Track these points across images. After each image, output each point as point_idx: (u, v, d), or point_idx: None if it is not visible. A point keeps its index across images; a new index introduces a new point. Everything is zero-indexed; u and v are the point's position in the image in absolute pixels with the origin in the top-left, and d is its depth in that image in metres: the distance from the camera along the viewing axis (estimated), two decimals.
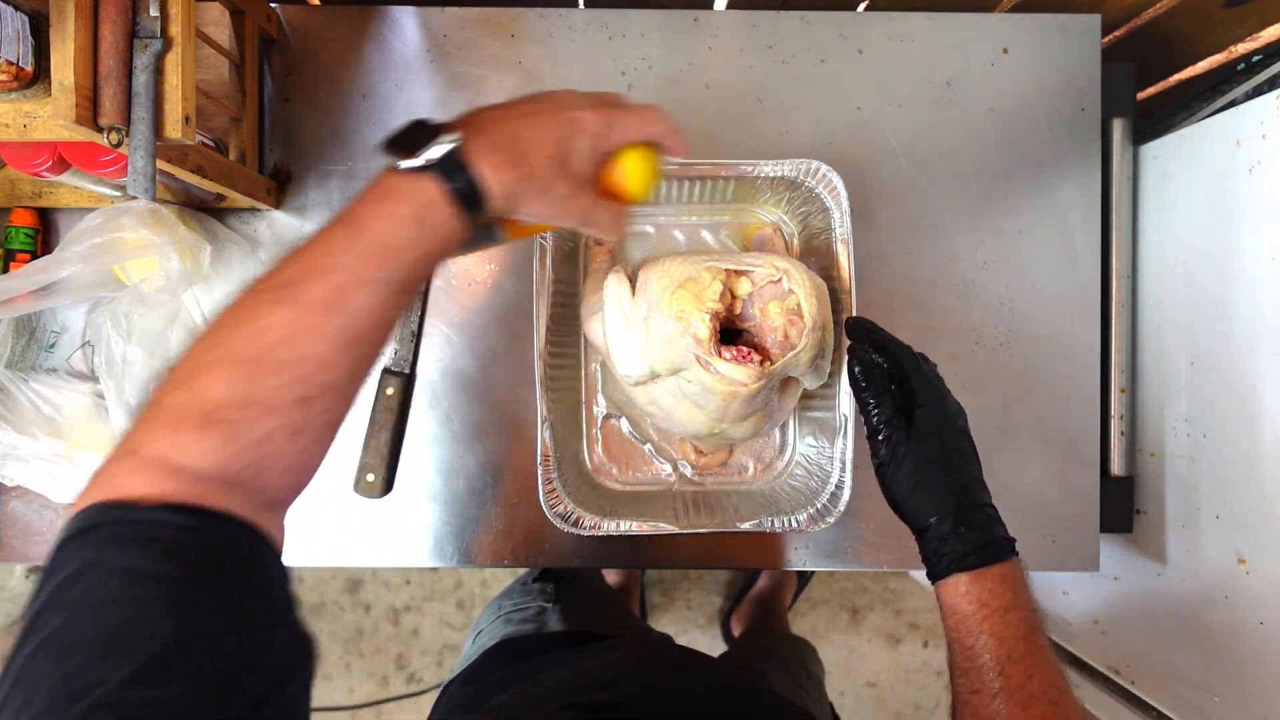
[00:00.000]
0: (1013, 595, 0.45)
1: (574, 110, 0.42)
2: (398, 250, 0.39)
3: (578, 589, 0.86)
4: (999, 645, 0.43)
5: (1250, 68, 0.69)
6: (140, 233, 0.57)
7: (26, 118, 0.47)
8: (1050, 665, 0.43)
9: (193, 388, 0.34)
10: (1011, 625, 0.44)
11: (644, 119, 0.44)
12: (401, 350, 0.69)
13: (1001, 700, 0.42)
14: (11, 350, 0.65)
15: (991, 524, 0.47)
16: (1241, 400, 0.63)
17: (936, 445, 0.48)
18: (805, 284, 0.57)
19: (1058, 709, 0.42)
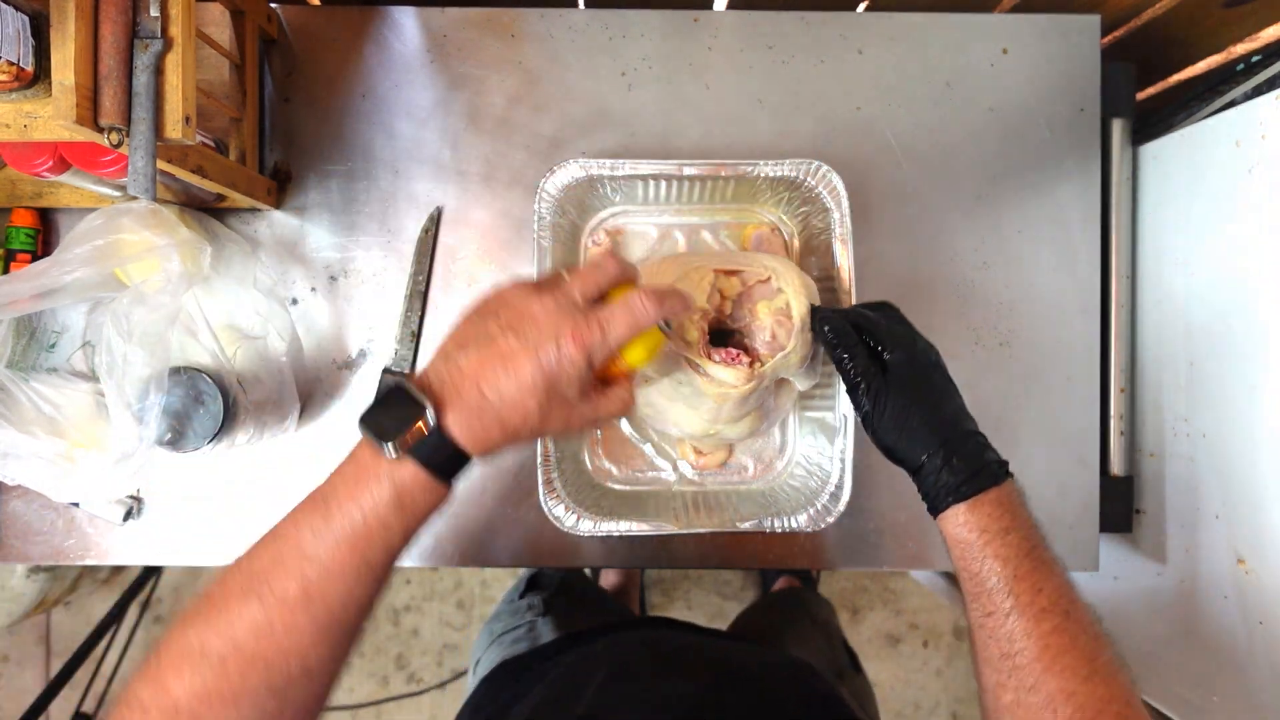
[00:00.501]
0: (1010, 517, 0.45)
1: (550, 339, 0.40)
2: (376, 534, 0.38)
3: (567, 594, 0.86)
4: (1004, 566, 0.44)
5: (1250, 68, 0.69)
6: (141, 233, 0.57)
7: (27, 118, 0.47)
8: (1057, 578, 0.44)
9: (159, 681, 0.35)
10: (1013, 545, 0.44)
11: (630, 316, 0.42)
12: (401, 350, 0.69)
13: (1014, 618, 0.42)
14: (12, 350, 0.65)
15: (981, 450, 0.48)
16: (1241, 400, 0.63)
17: (914, 386, 0.49)
18: (794, 283, 0.56)
19: (1069, 619, 0.42)
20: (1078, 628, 0.42)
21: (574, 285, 0.43)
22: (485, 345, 0.40)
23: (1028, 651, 0.41)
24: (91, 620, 1.39)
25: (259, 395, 0.62)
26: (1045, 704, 0.40)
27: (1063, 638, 0.41)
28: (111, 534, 0.69)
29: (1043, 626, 0.42)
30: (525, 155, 0.70)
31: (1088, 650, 0.41)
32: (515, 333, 0.40)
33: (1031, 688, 0.41)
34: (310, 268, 0.70)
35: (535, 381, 0.39)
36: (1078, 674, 0.40)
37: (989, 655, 0.43)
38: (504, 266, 0.70)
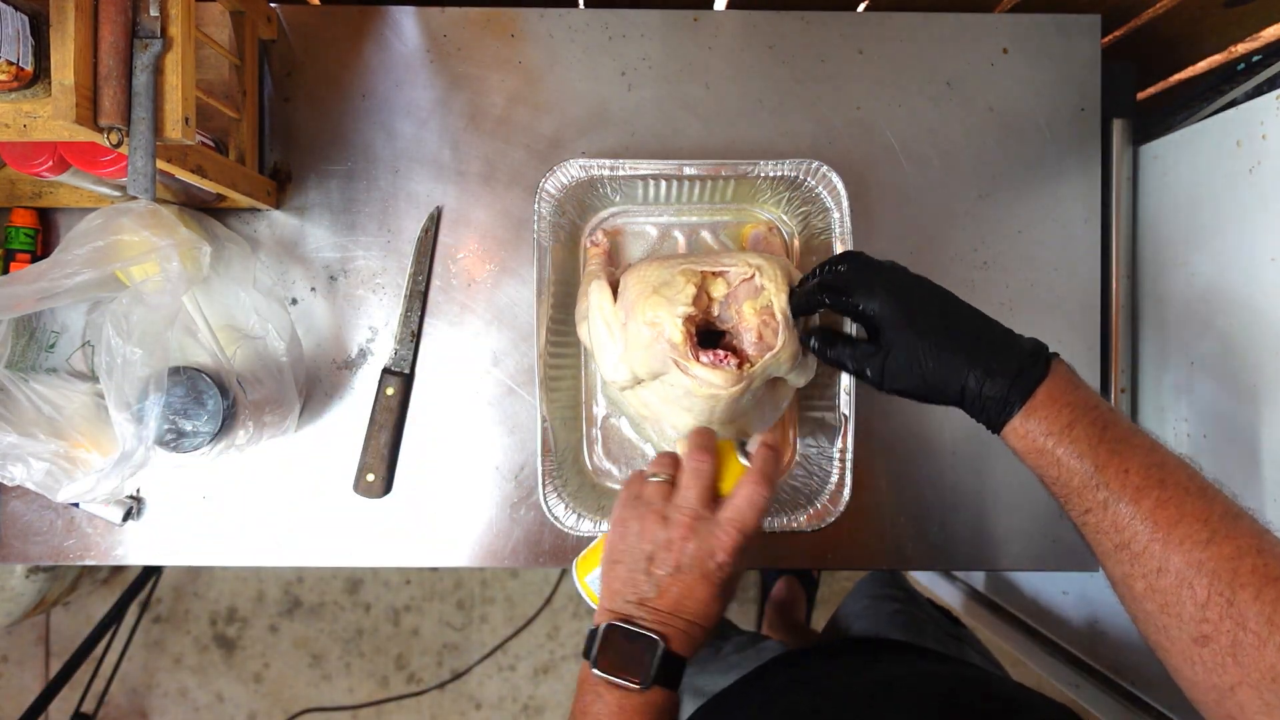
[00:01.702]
0: (1070, 409, 0.43)
1: (710, 560, 0.47)
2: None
3: None
4: (1081, 461, 0.41)
5: (1250, 68, 0.69)
6: (141, 234, 0.57)
7: (26, 118, 0.47)
8: (1140, 449, 0.41)
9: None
10: (1083, 437, 0.42)
11: (757, 512, 0.48)
12: (401, 350, 0.69)
13: (1113, 507, 0.40)
14: (11, 350, 0.65)
15: (1012, 349, 0.45)
16: (1241, 400, 0.63)
17: (910, 325, 0.47)
18: (778, 278, 0.55)
19: (1167, 486, 0.39)
20: (1180, 493, 0.39)
21: (693, 496, 0.49)
22: (665, 585, 0.48)
23: (1140, 536, 0.39)
24: (91, 620, 1.39)
25: (259, 395, 0.62)
26: (1178, 583, 0.37)
27: (1169, 510, 0.39)
28: (111, 534, 0.69)
29: (1144, 505, 0.39)
30: (525, 155, 0.70)
31: (1199, 512, 0.38)
32: (680, 568, 0.48)
33: (1158, 570, 0.38)
34: (310, 268, 0.70)
35: (715, 594, 0.48)
36: (1198, 540, 0.37)
37: (1105, 550, 0.41)
38: (504, 266, 0.70)
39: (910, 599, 0.87)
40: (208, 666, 1.58)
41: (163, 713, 1.58)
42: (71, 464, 0.59)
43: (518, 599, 1.58)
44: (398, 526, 0.69)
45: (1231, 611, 0.35)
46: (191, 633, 1.58)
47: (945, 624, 0.82)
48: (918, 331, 0.46)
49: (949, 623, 0.83)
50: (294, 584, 1.59)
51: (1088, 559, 0.70)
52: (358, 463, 0.68)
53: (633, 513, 0.50)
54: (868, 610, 0.90)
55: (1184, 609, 0.37)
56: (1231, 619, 0.35)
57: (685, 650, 0.47)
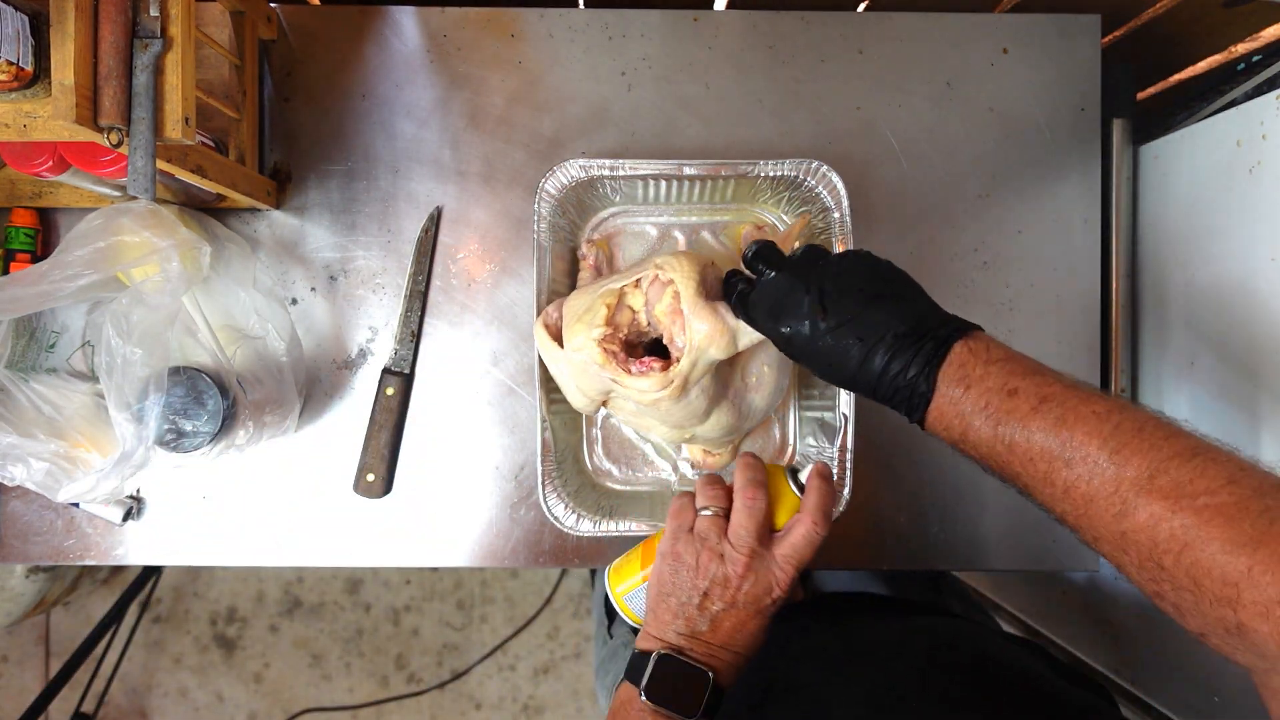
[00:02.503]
0: (973, 391, 0.40)
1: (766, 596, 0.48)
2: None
3: None
4: (992, 453, 0.40)
5: (1250, 68, 0.69)
6: (141, 234, 0.57)
7: (26, 118, 0.47)
8: (1043, 426, 0.38)
9: None
10: (985, 425, 0.40)
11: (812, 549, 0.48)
12: (401, 350, 0.69)
13: (1036, 491, 0.39)
14: (11, 350, 0.65)
15: (906, 345, 0.42)
16: (1241, 400, 0.63)
17: (810, 359, 0.46)
18: (682, 268, 0.54)
19: (1071, 466, 0.37)
20: (1089, 467, 0.37)
21: (749, 534, 0.48)
22: (718, 619, 0.48)
23: (1068, 514, 0.38)
24: (91, 620, 1.39)
25: (259, 395, 0.62)
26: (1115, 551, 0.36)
27: (1080, 488, 0.37)
28: (111, 534, 0.69)
29: (1057, 488, 0.38)
30: (525, 155, 0.70)
31: (1108, 483, 0.36)
32: (735, 604, 0.48)
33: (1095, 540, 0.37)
34: (310, 268, 0.70)
35: (763, 626, 0.48)
36: (1112, 514, 0.36)
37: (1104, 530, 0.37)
38: (504, 266, 0.70)
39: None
40: (208, 666, 1.58)
41: (163, 713, 1.58)
42: (71, 464, 0.59)
43: (518, 599, 1.58)
44: (398, 526, 0.69)
45: (1164, 574, 0.35)
46: (191, 633, 1.58)
47: (926, 572, 0.82)
48: (824, 364, 0.45)
49: (931, 571, 0.83)
50: (294, 584, 1.59)
51: (1087, 559, 0.70)
52: (358, 463, 0.68)
53: (687, 547, 0.49)
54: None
55: (1130, 570, 0.37)
56: (1166, 580, 0.35)
57: (730, 682, 0.48)
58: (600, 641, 0.82)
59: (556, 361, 0.58)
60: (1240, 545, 0.32)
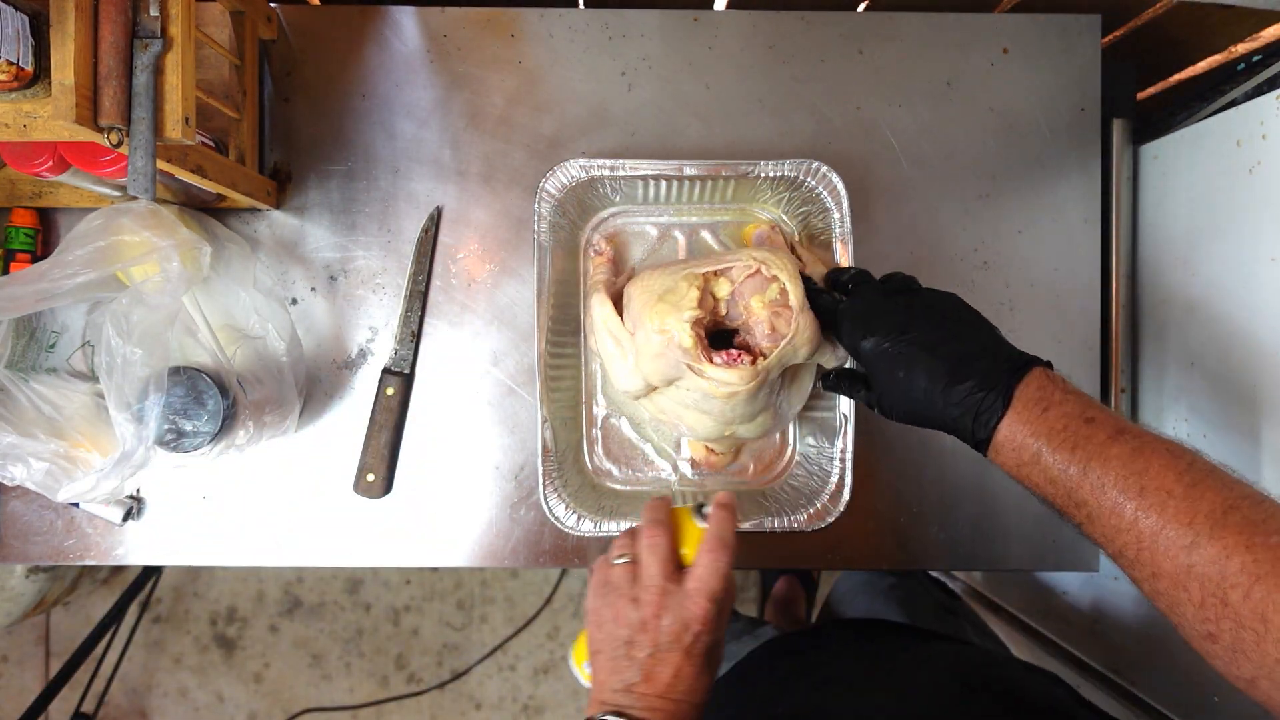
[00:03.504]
0: (1045, 420, 0.41)
1: (687, 633, 0.47)
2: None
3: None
4: (1061, 477, 0.40)
5: (1250, 68, 0.69)
6: (141, 234, 0.57)
7: (26, 118, 0.47)
8: (1117, 459, 0.39)
9: None
10: (1060, 449, 0.40)
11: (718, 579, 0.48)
12: (401, 350, 0.69)
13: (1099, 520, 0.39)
14: (11, 350, 0.64)
15: (990, 368, 0.44)
16: (1241, 400, 0.63)
17: (894, 378, 0.47)
18: (787, 268, 0.56)
19: (1145, 494, 0.37)
20: (1161, 498, 0.37)
21: (655, 572, 0.49)
22: (649, 668, 0.47)
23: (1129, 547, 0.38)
24: (91, 620, 1.39)
25: (259, 395, 0.62)
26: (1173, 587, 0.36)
27: (1151, 518, 0.37)
28: (111, 534, 0.69)
29: (1125, 518, 0.38)
30: (525, 155, 0.70)
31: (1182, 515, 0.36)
32: (660, 647, 0.47)
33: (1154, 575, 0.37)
34: (310, 268, 0.70)
35: (700, 666, 0.47)
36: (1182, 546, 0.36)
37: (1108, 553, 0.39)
38: (504, 266, 0.70)
39: (906, 573, 0.87)
40: (208, 666, 1.58)
41: (163, 713, 1.58)
42: (71, 464, 0.59)
43: (518, 599, 1.58)
44: (398, 526, 0.69)
45: (1227, 612, 0.35)
46: (191, 633, 1.58)
47: (942, 599, 0.82)
48: (901, 376, 0.47)
49: (945, 597, 0.83)
50: (294, 584, 1.59)
51: (1088, 559, 0.70)
52: (358, 463, 0.68)
53: (604, 600, 0.50)
54: (864, 585, 0.90)
55: (1185, 610, 0.37)
56: (1229, 619, 0.35)
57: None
58: None
59: (620, 339, 0.58)
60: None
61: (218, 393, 0.58)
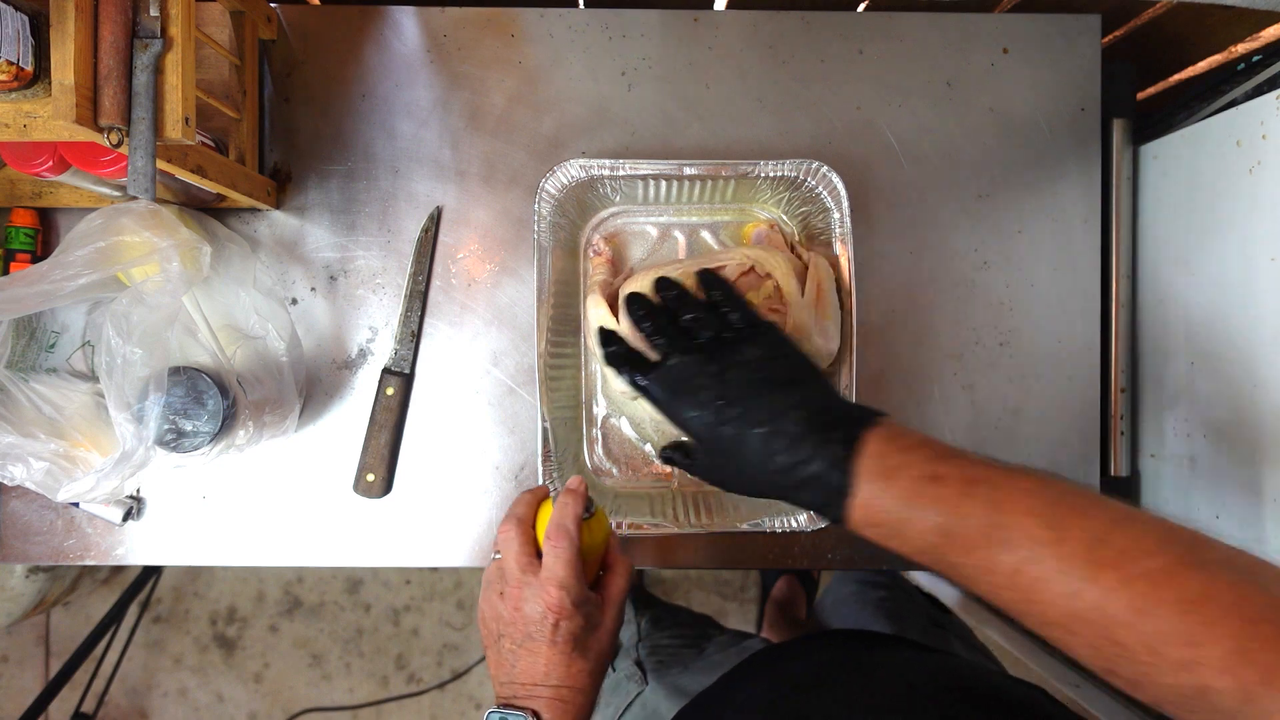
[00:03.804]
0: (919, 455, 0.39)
1: (539, 622, 0.47)
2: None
3: (652, 643, 0.81)
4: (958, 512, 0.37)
5: (1250, 68, 0.69)
6: (141, 234, 0.57)
7: (26, 118, 0.47)
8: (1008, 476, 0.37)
9: None
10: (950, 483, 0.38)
11: (557, 559, 0.47)
12: (401, 350, 0.69)
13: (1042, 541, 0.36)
14: (11, 350, 0.65)
15: (816, 440, 0.41)
16: (1241, 401, 0.63)
17: (716, 459, 0.46)
18: (780, 265, 0.56)
19: (1053, 485, 0.37)
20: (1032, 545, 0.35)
21: (511, 564, 0.49)
22: (516, 659, 0.48)
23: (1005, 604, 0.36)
24: (91, 620, 1.39)
25: (259, 395, 0.62)
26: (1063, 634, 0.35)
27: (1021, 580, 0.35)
28: (111, 534, 0.69)
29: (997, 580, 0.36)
30: (525, 155, 0.70)
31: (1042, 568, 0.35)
32: (526, 638, 0.48)
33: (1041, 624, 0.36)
34: (310, 268, 0.70)
35: (567, 654, 0.47)
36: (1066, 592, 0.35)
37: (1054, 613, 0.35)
38: (504, 266, 0.70)
39: (896, 585, 0.87)
40: (208, 666, 1.58)
41: (163, 713, 1.58)
42: (71, 464, 0.59)
43: None
44: (398, 526, 0.69)
45: (1120, 650, 0.34)
46: (191, 633, 1.58)
47: (932, 612, 0.82)
48: (724, 461, 0.45)
49: (935, 610, 0.83)
50: (294, 584, 1.59)
51: None
52: (358, 463, 0.68)
53: (483, 597, 0.50)
54: (854, 596, 0.90)
55: (1081, 651, 0.36)
56: (1123, 657, 0.34)
57: (557, 715, 0.46)
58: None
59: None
60: (1190, 602, 0.32)
61: (218, 393, 0.58)
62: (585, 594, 0.48)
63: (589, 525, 0.50)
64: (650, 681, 0.73)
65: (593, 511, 0.51)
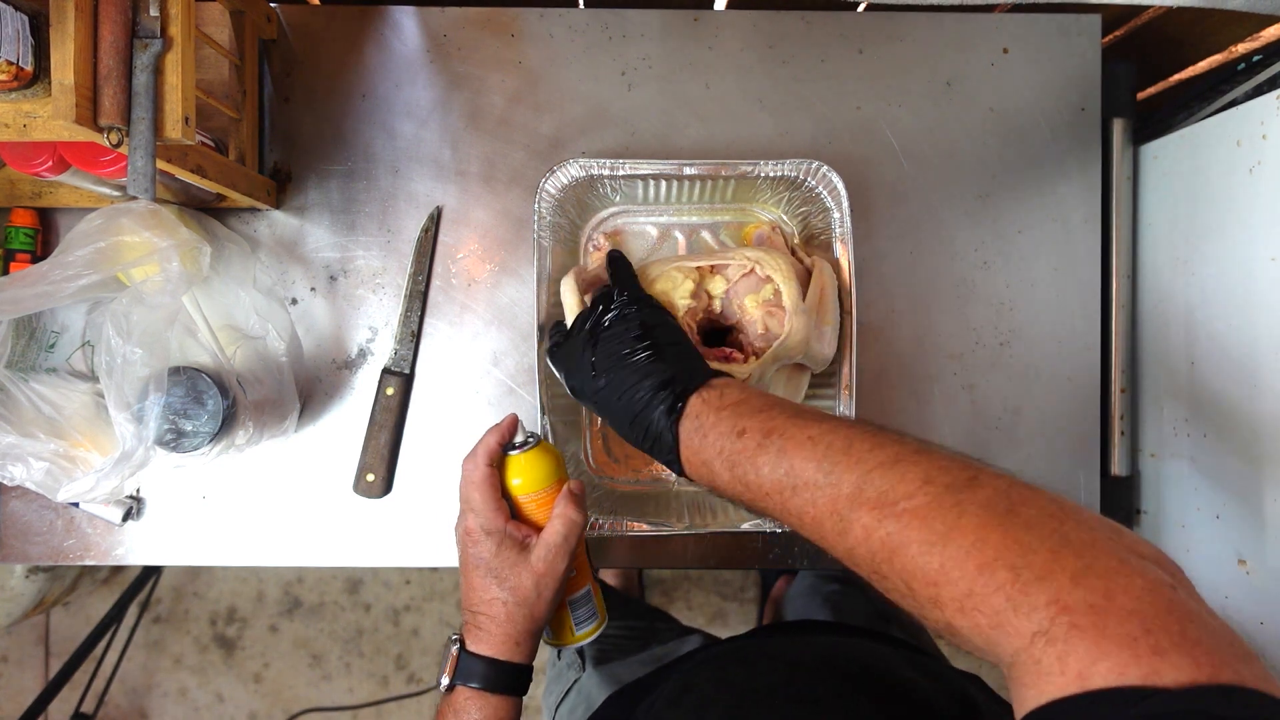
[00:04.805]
0: (730, 413, 0.43)
1: (459, 546, 0.52)
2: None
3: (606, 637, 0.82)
4: (730, 487, 0.42)
5: (1250, 68, 0.69)
6: (141, 234, 0.57)
7: (26, 118, 0.47)
8: (767, 459, 0.40)
9: None
10: (721, 462, 0.42)
11: (464, 482, 0.52)
12: (401, 350, 0.69)
13: (779, 518, 0.40)
14: (11, 350, 0.64)
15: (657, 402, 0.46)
16: (1241, 400, 0.63)
17: (597, 409, 0.51)
18: (781, 268, 0.56)
19: (797, 492, 0.39)
20: (809, 490, 0.38)
21: (460, 496, 0.53)
22: (461, 585, 0.52)
23: (810, 538, 0.39)
24: (91, 620, 1.39)
25: (259, 395, 0.62)
26: (865, 572, 0.37)
27: (807, 513, 0.38)
28: (111, 534, 0.69)
29: (791, 517, 0.39)
30: (525, 155, 0.70)
31: (827, 502, 0.37)
32: (460, 563, 0.53)
33: (846, 559, 0.37)
34: (310, 268, 0.70)
35: (481, 577, 0.50)
36: (836, 532, 0.37)
37: (838, 548, 0.37)
38: (504, 266, 0.70)
39: (850, 579, 0.87)
40: (208, 666, 1.58)
41: (163, 713, 1.58)
42: (71, 464, 0.59)
43: None
44: (398, 526, 0.69)
45: (887, 584, 0.35)
46: (191, 633, 1.58)
47: (880, 604, 0.83)
48: (605, 418, 0.51)
49: (884, 602, 0.83)
50: (294, 584, 1.59)
51: None
52: (358, 463, 0.68)
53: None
54: (809, 589, 0.92)
55: (871, 592, 0.38)
56: (893, 591, 0.35)
57: (478, 646, 0.49)
58: (550, 663, 0.83)
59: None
60: (933, 544, 0.33)
61: (218, 393, 0.58)
62: (499, 523, 0.51)
63: (521, 460, 0.53)
64: (588, 669, 0.74)
65: (528, 446, 0.53)
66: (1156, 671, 0.26)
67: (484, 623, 0.49)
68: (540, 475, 0.53)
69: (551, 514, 0.52)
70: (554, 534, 0.51)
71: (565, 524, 0.51)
